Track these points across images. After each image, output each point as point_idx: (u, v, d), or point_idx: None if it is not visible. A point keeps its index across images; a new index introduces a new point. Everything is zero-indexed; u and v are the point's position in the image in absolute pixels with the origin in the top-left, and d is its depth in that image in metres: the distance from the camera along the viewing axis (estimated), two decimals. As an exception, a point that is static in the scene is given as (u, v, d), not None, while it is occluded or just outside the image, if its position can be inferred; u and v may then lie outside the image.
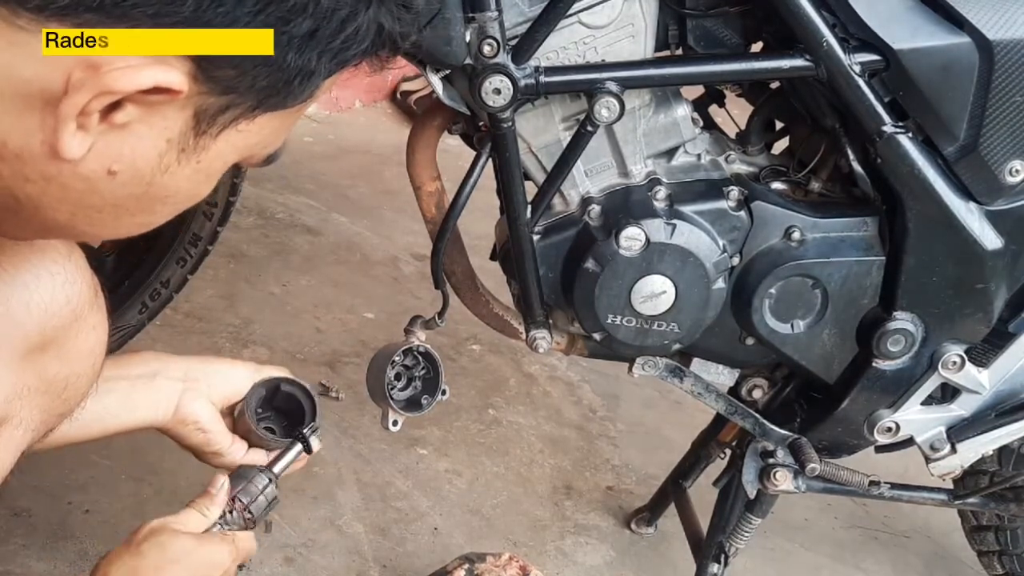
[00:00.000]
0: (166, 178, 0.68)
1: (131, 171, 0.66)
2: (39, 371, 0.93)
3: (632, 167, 1.22)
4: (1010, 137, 1.17)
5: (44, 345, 0.92)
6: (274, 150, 0.75)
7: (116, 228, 0.73)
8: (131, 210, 0.70)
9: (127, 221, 0.72)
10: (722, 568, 1.46)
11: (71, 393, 0.98)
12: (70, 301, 0.93)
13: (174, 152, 0.67)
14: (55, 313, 0.91)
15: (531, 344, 1.30)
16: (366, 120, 3.30)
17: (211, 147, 0.68)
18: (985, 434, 1.37)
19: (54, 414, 0.98)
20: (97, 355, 1.00)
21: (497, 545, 1.62)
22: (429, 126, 1.26)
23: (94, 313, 0.97)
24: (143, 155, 0.66)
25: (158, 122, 0.65)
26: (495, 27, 1.08)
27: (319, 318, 2.13)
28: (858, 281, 1.25)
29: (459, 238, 1.30)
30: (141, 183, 0.68)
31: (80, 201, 0.68)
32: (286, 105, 0.69)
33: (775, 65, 1.18)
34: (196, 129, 0.66)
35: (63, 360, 0.95)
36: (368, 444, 1.80)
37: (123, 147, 0.65)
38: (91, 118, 0.62)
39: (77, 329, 0.95)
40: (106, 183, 0.67)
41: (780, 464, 1.38)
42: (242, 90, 0.65)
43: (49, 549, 1.43)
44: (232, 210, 1.67)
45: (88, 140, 0.63)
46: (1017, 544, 1.61)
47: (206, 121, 0.66)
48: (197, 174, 0.70)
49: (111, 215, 0.70)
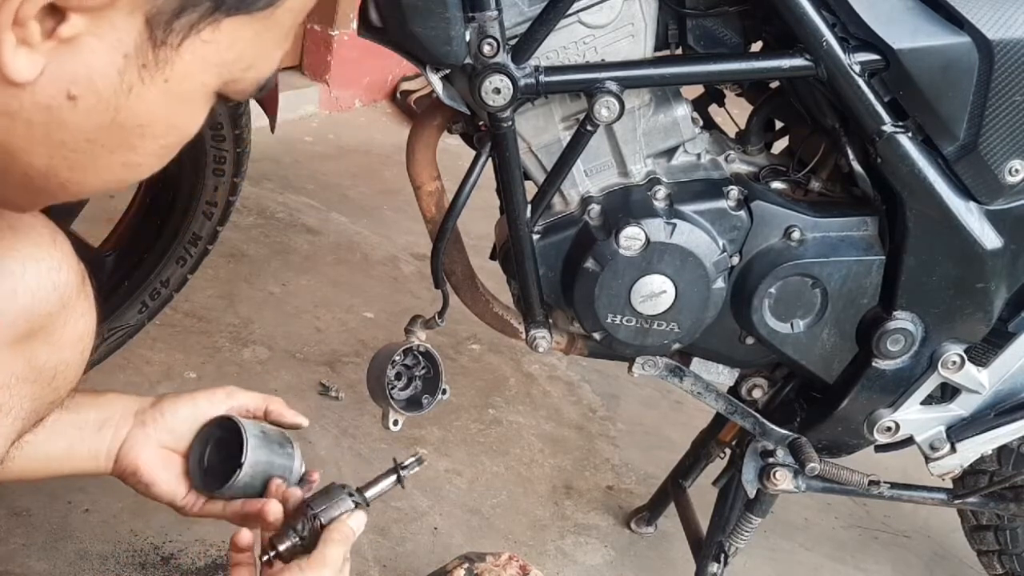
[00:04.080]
0: (133, 102, 0.64)
1: (92, 94, 0.62)
2: (27, 359, 0.92)
3: (632, 167, 1.22)
4: (1010, 137, 1.17)
5: (32, 333, 0.91)
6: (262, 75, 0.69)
7: (98, 171, 0.68)
8: (107, 145, 0.66)
9: (108, 161, 0.67)
10: (722, 568, 1.46)
11: (60, 381, 0.97)
12: (57, 288, 0.91)
13: (134, 68, 0.62)
14: (42, 300, 0.90)
15: (531, 344, 1.30)
16: (366, 120, 3.30)
17: (176, 62, 0.63)
18: (984, 433, 1.37)
19: (44, 402, 0.97)
20: (86, 342, 0.98)
21: (497, 545, 1.62)
22: (429, 126, 1.26)
23: (82, 300, 0.96)
24: (101, 73, 0.62)
25: (108, 33, 0.60)
26: (495, 27, 1.08)
27: (319, 318, 2.13)
28: (858, 281, 1.25)
29: (459, 238, 1.30)
30: (108, 108, 0.63)
31: (49, 137, 0.64)
32: (248, 6, 0.64)
33: (775, 65, 1.18)
34: (152, 39, 0.62)
35: (52, 348, 0.94)
36: (368, 444, 1.80)
37: (78, 66, 0.61)
38: (30, 30, 0.58)
39: (65, 316, 0.94)
40: (69, 111, 0.63)
41: (780, 464, 1.38)
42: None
43: (49, 549, 1.43)
44: (232, 209, 1.67)
45: (37, 59, 0.59)
46: (1017, 543, 1.61)
47: (161, 28, 0.61)
48: (169, 97, 0.65)
49: (87, 154, 0.66)
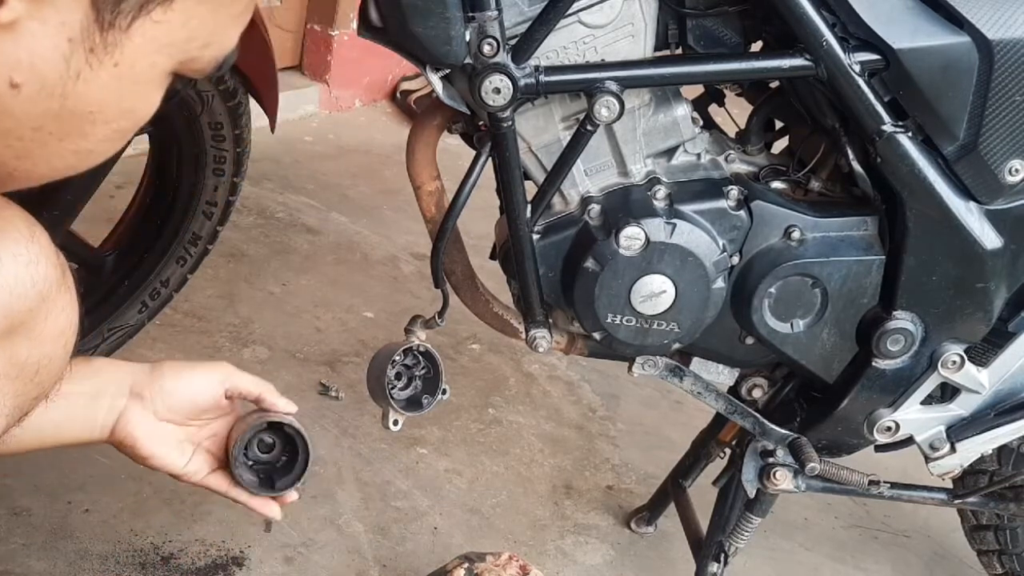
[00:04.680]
0: (81, 87, 0.60)
1: (37, 81, 0.59)
2: (8, 356, 0.91)
3: (632, 166, 1.22)
4: (1010, 136, 1.17)
5: (11, 329, 0.90)
6: (221, 52, 0.66)
7: (48, 159, 0.65)
8: (56, 133, 0.62)
9: (57, 148, 0.64)
10: (722, 567, 1.46)
11: (44, 376, 0.96)
12: (36, 283, 0.90)
13: (81, 53, 0.59)
14: (21, 296, 0.88)
15: (531, 344, 1.30)
16: (366, 120, 3.30)
17: (125, 44, 0.60)
18: (984, 433, 1.37)
19: (28, 398, 0.96)
20: (68, 336, 0.97)
21: (497, 544, 1.62)
22: (429, 125, 1.26)
23: (62, 294, 0.95)
24: (44, 58, 0.58)
25: (51, 16, 0.57)
26: (495, 27, 1.08)
27: (319, 317, 2.13)
28: (858, 280, 1.25)
29: (459, 237, 1.30)
30: (54, 95, 0.60)
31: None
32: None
33: (775, 64, 1.18)
34: (100, 21, 0.58)
35: (33, 343, 0.93)
36: (368, 444, 1.80)
37: (19, 52, 0.57)
38: None
39: (46, 311, 0.93)
40: (13, 99, 0.59)
41: (780, 463, 1.38)
42: None
43: (49, 549, 1.43)
44: (232, 209, 1.67)
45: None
46: (1017, 543, 1.61)
47: (108, 9, 0.58)
48: (119, 81, 0.61)
49: (35, 142, 0.62)
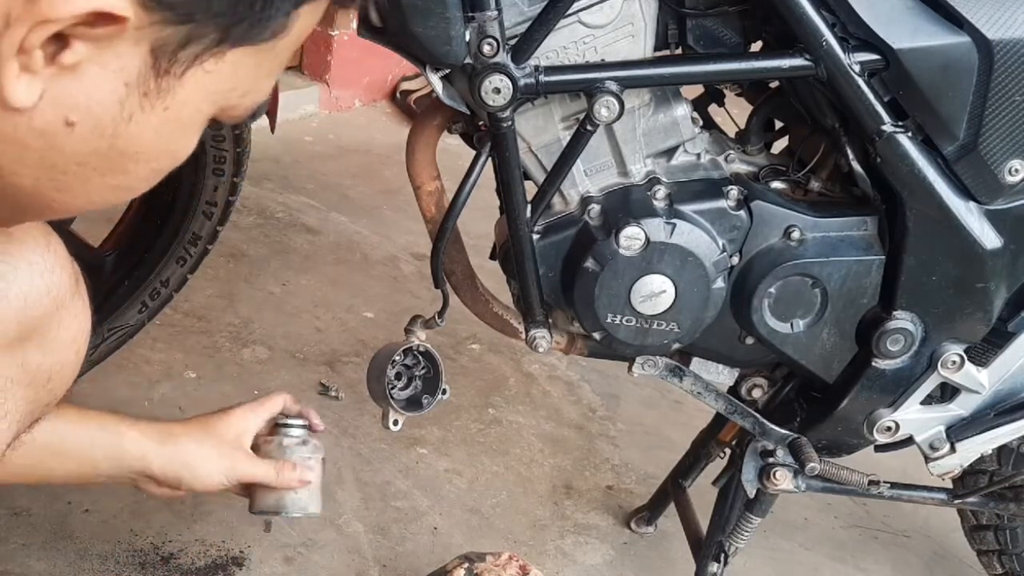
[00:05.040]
0: (132, 129, 0.63)
1: (90, 121, 0.61)
2: (21, 362, 0.92)
3: (632, 166, 1.22)
4: (1010, 136, 1.17)
5: (25, 336, 0.91)
6: (256, 101, 0.69)
7: (87, 193, 0.67)
8: (99, 169, 0.65)
9: (98, 183, 0.66)
10: (722, 567, 1.46)
11: (56, 383, 0.97)
12: (50, 291, 0.91)
13: (135, 96, 0.61)
14: (35, 303, 0.89)
15: (531, 344, 1.30)
16: (366, 120, 3.30)
17: (177, 90, 0.62)
18: (984, 433, 1.37)
19: (40, 404, 0.97)
20: (80, 343, 0.98)
21: (497, 544, 1.62)
22: (429, 125, 1.26)
23: (76, 301, 0.96)
24: (100, 101, 0.61)
25: (112, 61, 0.59)
26: (495, 27, 1.08)
27: (319, 317, 2.13)
28: (858, 280, 1.25)
29: (459, 237, 1.30)
30: (104, 135, 0.62)
31: (41, 161, 0.63)
32: (255, 38, 0.63)
33: (775, 64, 1.18)
34: (156, 68, 0.60)
35: (46, 350, 0.94)
36: (368, 444, 1.80)
37: (78, 93, 0.60)
38: (34, 57, 0.57)
39: (59, 318, 0.94)
40: (65, 137, 0.61)
41: (780, 463, 1.38)
42: (199, 18, 0.59)
43: (49, 549, 1.43)
44: (232, 209, 1.67)
45: (37, 85, 0.58)
46: (1017, 543, 1.61)
47: (166, 58, 0.60)
48: (166, 124, 0.64)
49: (78, 177, 0.65)
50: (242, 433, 1.23)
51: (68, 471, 1.12)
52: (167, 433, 1.17)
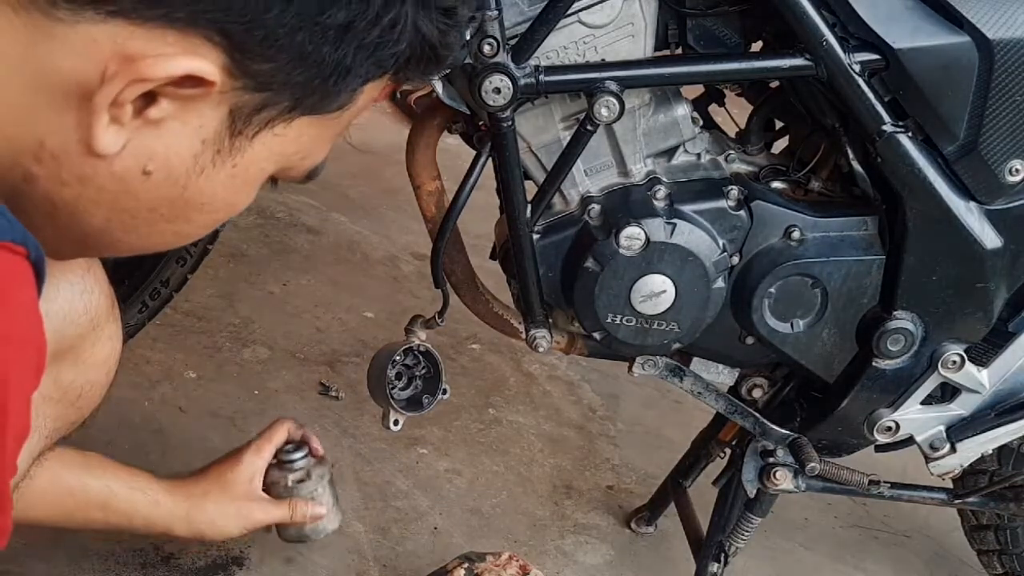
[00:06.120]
0: (202, 181, 0.67)
1: (166, 171, 0.66)
2: (54, 379, 0.94)
3: (632, 166, 1.22)
4: (1010, 136, 1.17)
5: (61, 353, 0.93)
6: (313, 163, 0.74)
7: (150, 236, 0.71)
8: (166, 216, 0.69)
9: (162, 228, 0.70)
10: (722, 567, 1.46)
11: (85, 401, 0.99)
12: (88, 311, 0.93)
13: (209, 153, 0.66)
14: (73, 322, 0.92)
15: (531, 343, 1.30)
16: (366, 120, 3.30)
17: (247, 150, 0.67)
18: (984, 433, 1.37)
19: (67, 422, 0.99)
20: (111, 364, 1.01)
21: (497, 544, 1.62)
22: (429, 125, 1.26)
23: (110, 323, 0.98)
24: (178, 154, 0.65)
25: (193, 119, 0.64)
26: (495, 26, 1.08)
27: (319, 317, 2.13)
28: (858, 280, 1.25)
29: (459, 237, 1.30)
30: (176, 185, 0.67)
31: (115, 204, 0.67)
32: (324, 108, 0.68)
33: (775, 64, 1.18)
34: (232, 129, 0.65)
35: (78, 369, 0.96)
36: (368, 443, 1.80)
37: (158, 145, 0.64)
38: (124, 110, 0.61)
39: (94, 339, 0.96)
40: (141, 183, 0.66)
41: (780, 463, 1.38)
42: (277, 87, 0.64)
43: (49, 549, 1.43)
44: (232, 209, 1.67)
45: (123, 136, 0.63)
46: (1017, 543, 1.61)
47: (242, 120, 0.65)
48: (234, 180, 0.69)
49: (146, 221, 0.69)
50: (253, 476, 1.31)
51: (89, 519, 1.20)
52: (187, 495, 1.26)
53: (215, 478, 1.29)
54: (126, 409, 1.71)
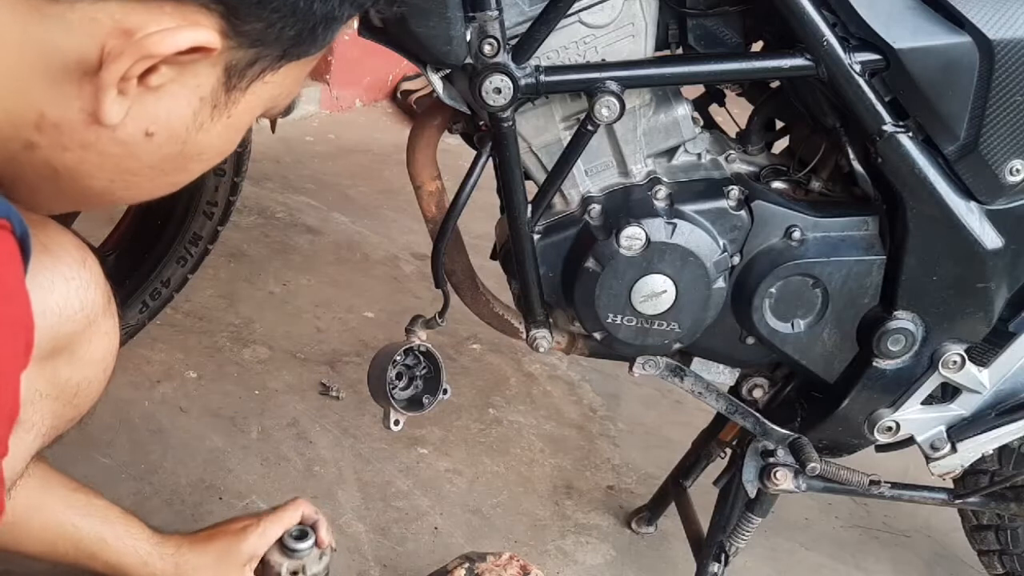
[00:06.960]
0: (200, 136, 0.70)
1: (167, 132, 0.68)
2: (50, 376, 0.93)
3: (632, 166, 1.22)
4: (1011, 136, 1.17)
5: (57, 350, 0.92)
6: (290, 99, 0.78)
7: (151, 190, 0.74)
8: (166, 170, 0.72)
9: (161, 181, 0.74)
10: (722, 567, 1.46)
11: (82, 398, 0.98)
12: (84, 307, 0.93)
13: (207, 109, 0.69)
14: (69, 318, 0.91)
15: (531, 343, 1.30)
16: (366, 120, 3.30)
17: (240, 101, 0.70)
18: (985, 433, 1.37)
19: (64, 419, 0.98)
20: (108, 361, 1.00)
21: (497, 544, 1.62)
22: (429, 125, 1.26)
23: (107, 320, 0.98)
24: (178, 115, 0.68)
25: (190, 81, 0.66)
26: (495, 26, 1.08)
27: (319, 317, 2.13)
28: (858, 280, 1.25)
29: (459, 237, 1.30)
30: (177, 142, 0.69)
31: (118, 166, 0.69)
32: (309, 53, 0.72)
33: (775, 64, 1.18)
34: (227, 84, 0.68)
35: (75, 365, 0.95)
36: (368, 444, 1.80)
37: (159, 109, 0.66)
38: (130, 83, 0.63)
39: (90, 335, 0.95)
40: (143, 145, 0.68)
41: (780, 463, 1.38)
42: (269, 42, 0.67)
43: (50, 548, 1.43)
44: (232, 209, 1.67)
45: (126, 104, 0.65)
46: (1017, 543, 1.61)
47: (236, 75, 0.68)
48: (228, 129, 0.72)
49: (147, 177, 0.72)
50: (252, 559, 1.25)
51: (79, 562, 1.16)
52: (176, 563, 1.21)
53: (213, 550, 1.24)
54: (126, 409, 1.72)
